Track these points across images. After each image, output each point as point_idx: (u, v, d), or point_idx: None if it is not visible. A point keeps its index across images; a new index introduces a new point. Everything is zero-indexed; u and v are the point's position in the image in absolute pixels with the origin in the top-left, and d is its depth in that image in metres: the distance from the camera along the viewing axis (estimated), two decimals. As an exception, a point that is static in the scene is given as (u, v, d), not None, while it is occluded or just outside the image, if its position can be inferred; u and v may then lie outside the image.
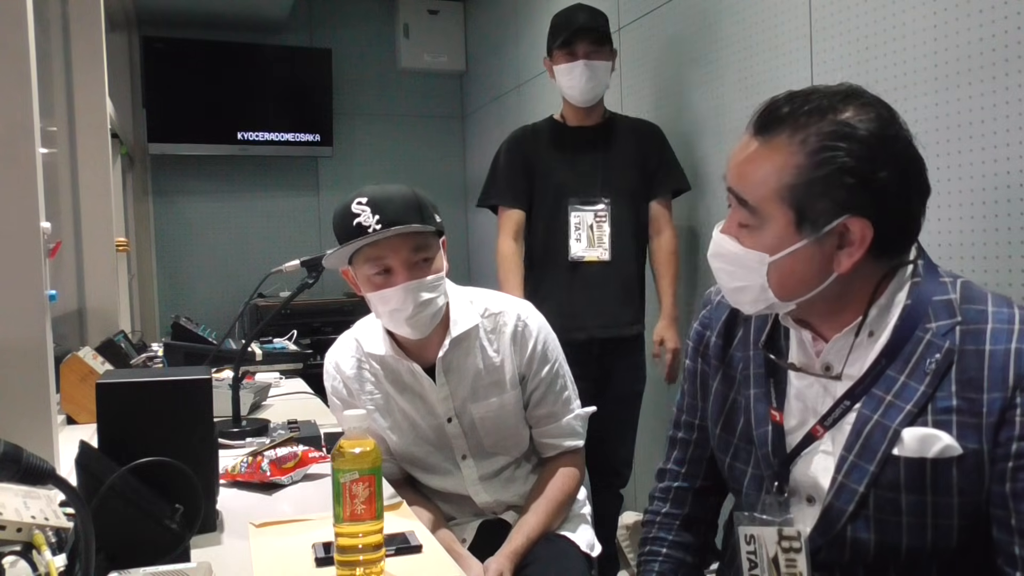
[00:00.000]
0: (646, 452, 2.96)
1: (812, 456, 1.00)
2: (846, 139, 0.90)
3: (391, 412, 1.54)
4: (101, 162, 2.73)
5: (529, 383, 1.54)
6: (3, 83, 1.34)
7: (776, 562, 1.00)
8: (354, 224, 1.36)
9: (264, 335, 2.90)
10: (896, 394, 0.94)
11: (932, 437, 0.91)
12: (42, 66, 1.72)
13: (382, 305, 1.42)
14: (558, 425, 1.57)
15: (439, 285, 1.44)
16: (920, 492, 0.92)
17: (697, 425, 1.21)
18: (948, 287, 0.96)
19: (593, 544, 1.61)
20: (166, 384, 1.11)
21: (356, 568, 0.99)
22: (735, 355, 1.12)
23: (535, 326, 1.55)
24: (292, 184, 4.64)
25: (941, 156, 1.66)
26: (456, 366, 1.50)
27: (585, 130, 2.47)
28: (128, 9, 4.10)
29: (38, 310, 1.38)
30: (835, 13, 1.94)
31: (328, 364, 1.59)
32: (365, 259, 1.40)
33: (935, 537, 0.92)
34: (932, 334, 0.93)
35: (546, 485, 1.55)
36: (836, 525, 0.97)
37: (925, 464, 0.91)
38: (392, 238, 1.37)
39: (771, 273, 0.96)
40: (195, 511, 1.03)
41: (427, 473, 1.57)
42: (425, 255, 1.41)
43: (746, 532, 1.02)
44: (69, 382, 1.94)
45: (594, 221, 2.39)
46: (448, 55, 4.78)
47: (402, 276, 1.39)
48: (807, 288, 0.96)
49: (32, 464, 0.77)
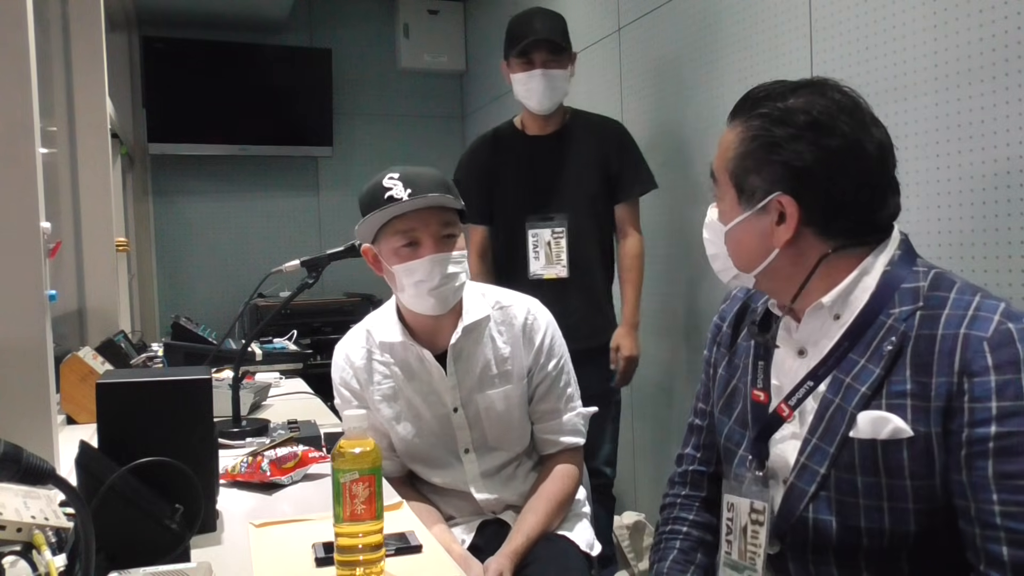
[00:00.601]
0: (643, 453, 2.96)
1: (785, 439, 1.05)
2: (780, 123, 0.99)
3: (398, 402, 1.55)
4: (101, 162, 2.73)
5: (535, 376, 1.57)
6: (3, 83, 1.34)
7: (745, 531, 1.06)
8: (385, 197, 1.41)
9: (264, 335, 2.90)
10: (855, 377, 0.98)
11: (883, 420, 0.94)
12: (42, 66, 1.72)
13: (407, 276, 1.45)
14: (560, 421, 1.58)
15: (463, 262, 1.48)
16: (874, 474, 0.95)
17: (710, 412, 1.25)
18: (920, 276, 0.99)
19: (592, 543, 1.61)
20: (166, 384, 1.12)
21: (356, 568, 0.99)
22: (741, 344, 1.18)
23: (544, 321, 1.59)
24: (292, 184, 4.64)
25: (941, 156, 1.66)
26: (466, 355, 1.53)
27: (544, 140, 2.43)
28: (128, 9, 4.10)
29: (38, 310, 1.38)
30: (835, 13, 1.94)
31: (338, 356, 1.61)
32: (393, 231, 1.44)
33: (892, 521, 0.94)
34: (894, 319, 0.97)
35: (546, 484, 1.55)
36: (798, 506, 1.00)
37: (876, 446, 0.95)
38: (422, 211, 1.42)
39: (728, 242, 1.07)
40: (195, 511, 1.03)
41: (429, 468, 1.57)
42: (452, 231, 1.46)
43: (728, 500, 1.09)
44: (69, 382, 1.94)
45: (551, 238, 2.37)
46: (448, 55, 4.78)
47: (429, 248, 1.43)
48: (756, 259, 1.05)
49: (32, 464, 0.77)
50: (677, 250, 2.64)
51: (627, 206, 2.43)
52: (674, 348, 2.73)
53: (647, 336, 2.62)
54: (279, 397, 2.34)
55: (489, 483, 1.57)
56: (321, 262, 1.79)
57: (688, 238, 2.58)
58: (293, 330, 3.07)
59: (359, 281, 4.33)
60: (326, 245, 2.38)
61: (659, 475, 2.81)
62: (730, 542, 1.08)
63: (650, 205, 2.57)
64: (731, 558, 1.07)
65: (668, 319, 2.72)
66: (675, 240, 2.65)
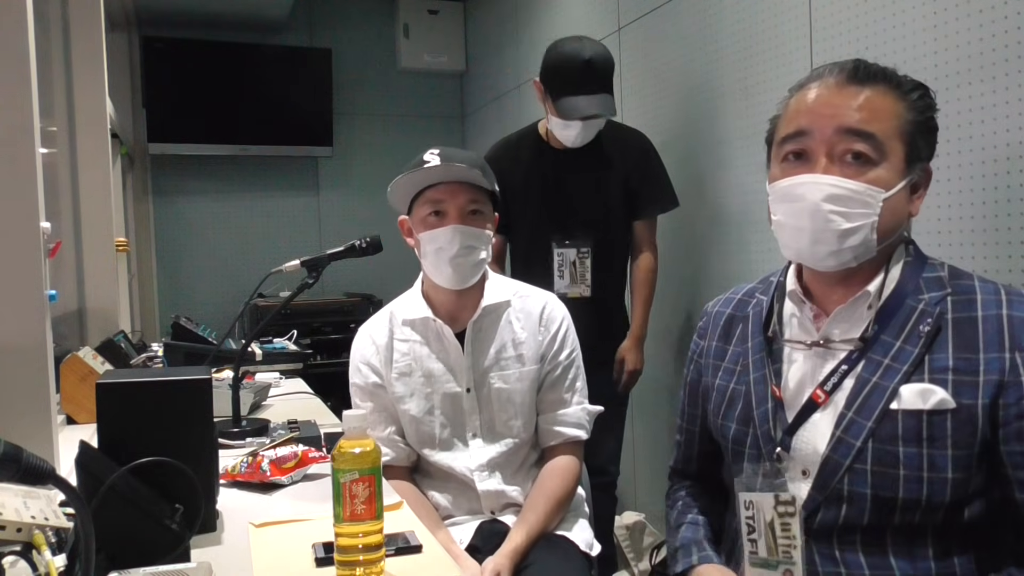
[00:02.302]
0: (643, 453, 2.96)
1: (814, 423, 1.06)
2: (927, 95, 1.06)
3: (412, 378, 1.59)
4: (101, 162, 2.73)
5: (547, 363, 1.61)
6: (3, 83, 1.33)
7: (772, 526, 1.05)
8: (423, 167, 1.49)
9: (264, 335, 2.90)
10: (893, 357, 1.02)
11: (929, 391, 0.99)
12: (42, 66, 1.72)
13: (430, 244, 1.53)
14: (566, 412, 1.61)
15: (485, 239, 1.55)
16: (916, 444, 0.98)
17: (686, 429, 1.32)
18: (937, 267, 1.08)
19: (592, 543, 1.61)
20: (166, 384, 1.11)
21: (356, 568, 0.99)
22: (734, 351, 1.20)
23: (560, 313, 1.65)
24: (292, 184, 4.64)
25: (941, 156, 1.65)
26: (484, 335, 1.59)
27: (569, 154, 2.36)
28: (128, 9, 4.10)
29: (38, 310, 1.38)
30: (835, 13, 1.94)
31: (360, 335, 1.66)
32: (424, 201, 1.53)
33: (930, 491, 0.97)
34: (925, 303, 1.03)
35: (547, 481, 1.56)
36: (833, 479, 1.02)
37: (922, 416, 0.98)
38: (451, 184, 1.50)
39: (884, 211, 1.02)
40: (195, 511, 1.03)
41: (436, 449, 1.58)
42: (479, 207, 1.54)
43: (745, 498, 1.08)
44: (69, 382, 1.94)
45: (577, 258, 2.37)
46: (448, 55, 4.78)
47: (454, 219, 1.51)
48: (894, 231, 1.05)
49: (32, 464, 0.77)
50: (678, 249, 2.64)
51: (645, 223, 2.42)
52: (674, 348, 2.73)
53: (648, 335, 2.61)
54: (279, 397, 2.34)
55: (492, 473, 1.57)
56: (321, 262, 1.79)
57: (689, 237, 2.58)
58: (293, 330, 3.07)
59: (359, 281, 4.35)
60: (326, 245, 2.38)
61: (659, 475, 2.81)
62: (754, 541, 1.07)
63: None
64: (759, 556, 1.06)
65: (668, 319, 2.72)
66: (675, 240, 2.64)
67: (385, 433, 1.59)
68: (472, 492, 1.57)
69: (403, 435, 1.61)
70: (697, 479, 1.33)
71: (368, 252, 1.77)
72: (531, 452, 1.64)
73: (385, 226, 1.92)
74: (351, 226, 4.52)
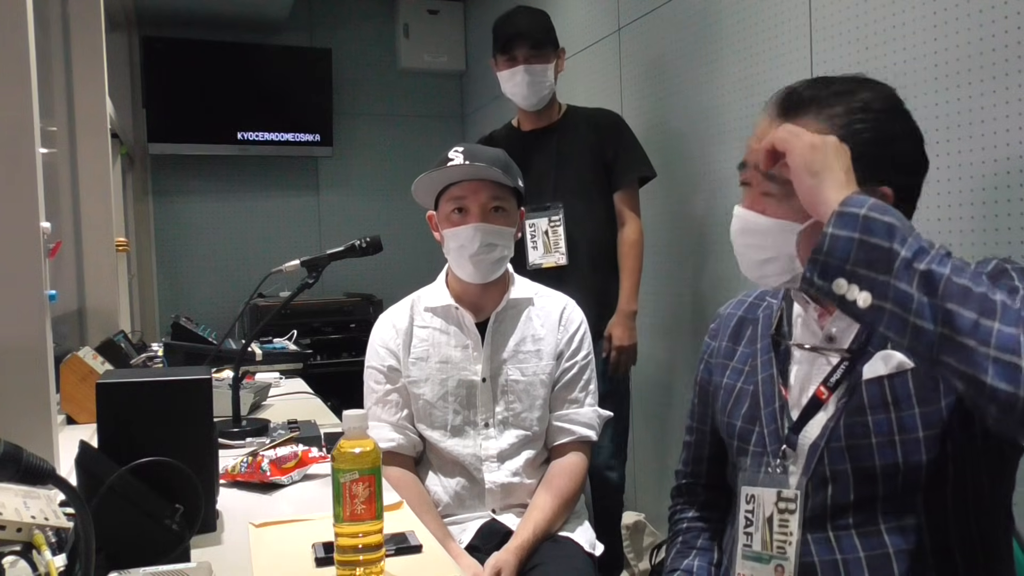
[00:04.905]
0: (643, 453, 2.96)
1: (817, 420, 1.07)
2: (866, 114, 1.00)
3: (429, 363, 1.61)
4: (101, 162, 2.72)
5: (564, 361, 1.64)
6: (3, 83, 1.33)
7: (770, 521, 1.06)
8: (447, 165, 1.53)
9: (264, 335, 2.89)
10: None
11: (887, 356, 1.00)
12: (42, 66, 1.72)
13: (452, 240, 1.57)
14: (578, 411, 1.63)
15: (507, 236, 1.58)
16: (884, 410, 0.99)
17: (697, 428, 1.31)
18: None
19: (594, 543, 1.61)
20: (166, 384, 1.11)
21: (356, 568, 0.99)
22: (743, 351, 1.22)
23: (579, 316, 1.70)
24: (292, 184, 4.64)
25: (941, 156, 1.66)
26: (505, 327, 1.63)
27: (538, 134, 2.47)
28: (128, 9, 4.10)
29: (38, 310, 1.38)
30: (835, 13, 1.94)
31: (381, 320, 1.69)
32: (448, 198, 1.57)
33: (904, 453, 0.98)
34: None
35: (554, 479, 1.57)
36: (813, 461, 1.03)
37: (883, 381, 1.00)
38: (474, 182, 1.54)
39: (800, 241, 1.01)
40: (195, 511, 1.03)
41: (447, 435, 1.59)
42: (501, 204, 1.57)
43: (748, 492, 1.09)
44: (69, 382, 1.94)
45: (549, 227, 2.38)
46: (448, 55, 4.78)
47: (475, 217, 1.55)
48: None
49: (32, 464, 0.77)
50: (679, 249, 2.64)
51: (624, 193, 2.43)
52: (675, 347, 2.73)
53: (648, 335, 2.62)
54: (279, 397, 2.34)
55: (501, 465, 1.58)
56: (321, 262, 1.79)
57: (690, 237, 2.59)
58: (293, 330, 3.06)
59: (359, 281, 4.34)
60: (326, 245, 2.38)
61: (659, 475, 2.81)
62: (749, 534, 1.08)
63: (651, 204, 2.57)
64: (752, 550, 1.07)
65: (669, 318, 2.72)
66: (676, 239, 2.65)
67: (395, 418, 1.60)
68: (477, 485, 1.57)
69: (413, 423, 1.62)
70: (705, 488, 1.31)
71: (368, 252, 1.77)
72: (541, 450, 1.64)
73: (385, 226, 1.93)
74: (351, 226, 4.51)
